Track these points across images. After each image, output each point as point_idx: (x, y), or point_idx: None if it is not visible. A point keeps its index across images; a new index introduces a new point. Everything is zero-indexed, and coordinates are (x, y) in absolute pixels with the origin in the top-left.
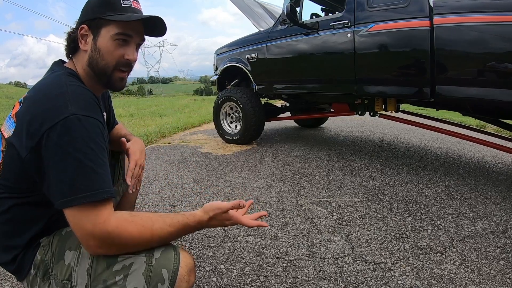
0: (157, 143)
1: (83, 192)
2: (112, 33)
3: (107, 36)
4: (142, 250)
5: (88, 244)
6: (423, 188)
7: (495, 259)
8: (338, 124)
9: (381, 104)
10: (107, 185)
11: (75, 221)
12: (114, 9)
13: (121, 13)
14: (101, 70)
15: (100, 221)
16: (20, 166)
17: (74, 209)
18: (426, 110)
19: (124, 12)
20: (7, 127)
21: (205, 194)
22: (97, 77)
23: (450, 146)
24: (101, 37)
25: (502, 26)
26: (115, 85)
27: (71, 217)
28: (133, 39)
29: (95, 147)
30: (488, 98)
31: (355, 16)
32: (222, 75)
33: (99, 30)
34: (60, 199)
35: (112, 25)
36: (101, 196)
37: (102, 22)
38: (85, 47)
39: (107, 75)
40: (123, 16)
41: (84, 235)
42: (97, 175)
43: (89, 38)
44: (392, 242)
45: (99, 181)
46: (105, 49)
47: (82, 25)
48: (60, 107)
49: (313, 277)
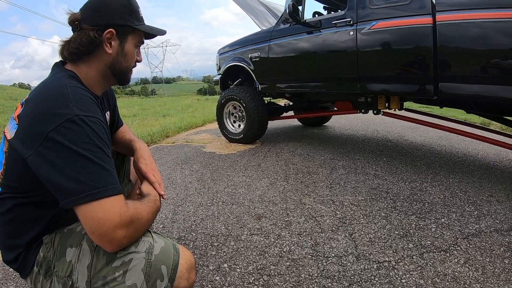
0: (161, 143)
1: (104, 186)
2: (136, 41)
3: (132, 42)
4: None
5: (114, 236)
6: (427, 186)
7: (499, 257)
8: (342, 122)
9: (384, 102)
10: (117, 180)
11: (99, 216)
12: (138, 19)
13: (142, 23)
14: (123, 71)
15: (125, 210)
16: (22, 167)
17: (95, 204)
18: (429, 108)
19: (142, 22)
20: (10, 129)
21: (208, 194)
22: (115, 76)
23: (454, 144)
24: (128, 43)
25: (505, 23)
26: (128, 80)
27: (93, 212)
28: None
29: (101, 145)
30: (492, 95)
31: (357, 14)
32: (225, 74)
33: (126, 36)
34: (75, 196)
35: (137, 33)
36: (119, 189)
37: (130, 30)
38: (110, 50)
39: (126, 74)
40: (146, 28)
41: (111, 227)
42: (108, 171)
43: (114, 42)
44: (396, 240)
45: (113, 176)
46: (130, 53)
47: (109, 29)
48: (63, 108)
49: (316, 276)
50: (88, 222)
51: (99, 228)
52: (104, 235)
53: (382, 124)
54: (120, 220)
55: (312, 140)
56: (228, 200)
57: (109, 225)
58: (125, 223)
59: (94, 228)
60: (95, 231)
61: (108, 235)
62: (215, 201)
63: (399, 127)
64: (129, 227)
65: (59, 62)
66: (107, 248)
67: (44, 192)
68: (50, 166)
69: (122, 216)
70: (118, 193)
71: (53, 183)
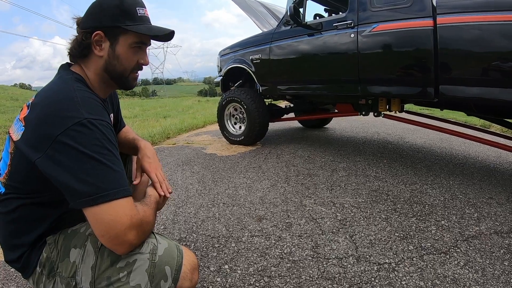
0: (162, 144)
1: (114, 188)
2: (131, 42)
3: (125, 44)
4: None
5: (125, 239)
6: (427, 189)
7: (499, 259)
8: (342, 124)
9: (385, 104)
10: (127, 182)
11: (110, 218)
12: (132, 19)
13: (138, 23)
14: (119, 74)
15: (135, 212)
16: (28, 168)
17: (106, 206)
18: (430, 110)
19: (140, 21)
20: (16, 130)
21: (209, 195)
22: (113, 80)
23: (455, 146)
24: (119, 45)
25: (505, 25)
26: (130, 85)
27: (103, 215)
28: (146, 45)
29: (110, 148)
30: (493, 98)
31: (358, 17)
32: (226, 76)
33: (117, 38)
34: (86, 197)
35: (131, 34)
36: (129, 191)
37: (120, 31)
38: (100, 52)
39: (124, 78)
40: (142, 28)
41: (122, 229)
42: (118, 173)
43: (105, 44)
44: (396, 242)
45: (123, 178)
46: (123, 55)
47: (97, 32)
48: (72, 111)
49: (317, 278)
50: (98, 224)
51: (110, 230)
52: (115, 238)
53: (382, 126)
54: (131, 223)
55: (313, 142)
56: (229, 202)
57: (120, 227)
58: (136, 225)
59: (104, 230)
60: (105, 234)
61: (119, 238)
62: (216, 203)
63: (399, 129)
64: (139, 229)
65: (66, 64)
66: (118, 251)
67: (48, 193)
68: (60, 168)
69: (133, 218)
70: (128, 195)
71: (63, 185)
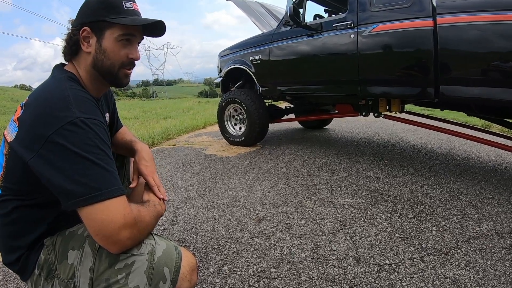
0: (162, 145)
1: (107, 187)
2: (117, 35)
3: (111, 37)
4: (144, 248)
5: (118, 238)
6: (428, 189)
7: (500, 260)
8: (343, 125)
9: (385, 105)
10: (120, 182)
11: (103, 217)
12: (118, 12)
13: (124, 16)
14: (107, 70)
15: (129, 211)
16: (23, 169)
17: (99, 205)
18: (430, 111)
19: (126, 14)
20: (10, 131)
21: (209, 196)
22: (103, 77)
23: (455, 146)
24: (105, 39)
25: (505, 25)
26: (120, 82)
27: (97, 214)
28: (136, 39)
29: (103, 147)
30: (493, 98)
31: (358, 17)
32: (226, 77)
33: (103, 32)
34: (78, 198)
35: (116, 27)
36: (122, 190)
37: (106, 25)
38: (88, 49)
39: (113, 74)
40: (127, 20)
41: (115, 228)
42: (110, 173)
43: (92, 40)
44: (397, 243)
45: (116, 178)
46: (110, 50)
47: (84, 28)
48: (64, 111)
49: (317, 279)
50: (92, 224)
51: (103, 229)
52: (109, 237)
53: (383, 126)
54: (124, 222)
55: (313, 142)
56: (228, 203)
57: (113, 226)
58: (129, 224)
59: (98, 230)
60: (99, 233)
61: (112, 237)
62: (215, 204)
63: (400, 130)
64: (133, 228)
65: (60, 64)
66: (111, 250)
67: (44, 194)
68: (52, 168)
69: (126, 217)
70: (121, 195)
71: (56, 185)
